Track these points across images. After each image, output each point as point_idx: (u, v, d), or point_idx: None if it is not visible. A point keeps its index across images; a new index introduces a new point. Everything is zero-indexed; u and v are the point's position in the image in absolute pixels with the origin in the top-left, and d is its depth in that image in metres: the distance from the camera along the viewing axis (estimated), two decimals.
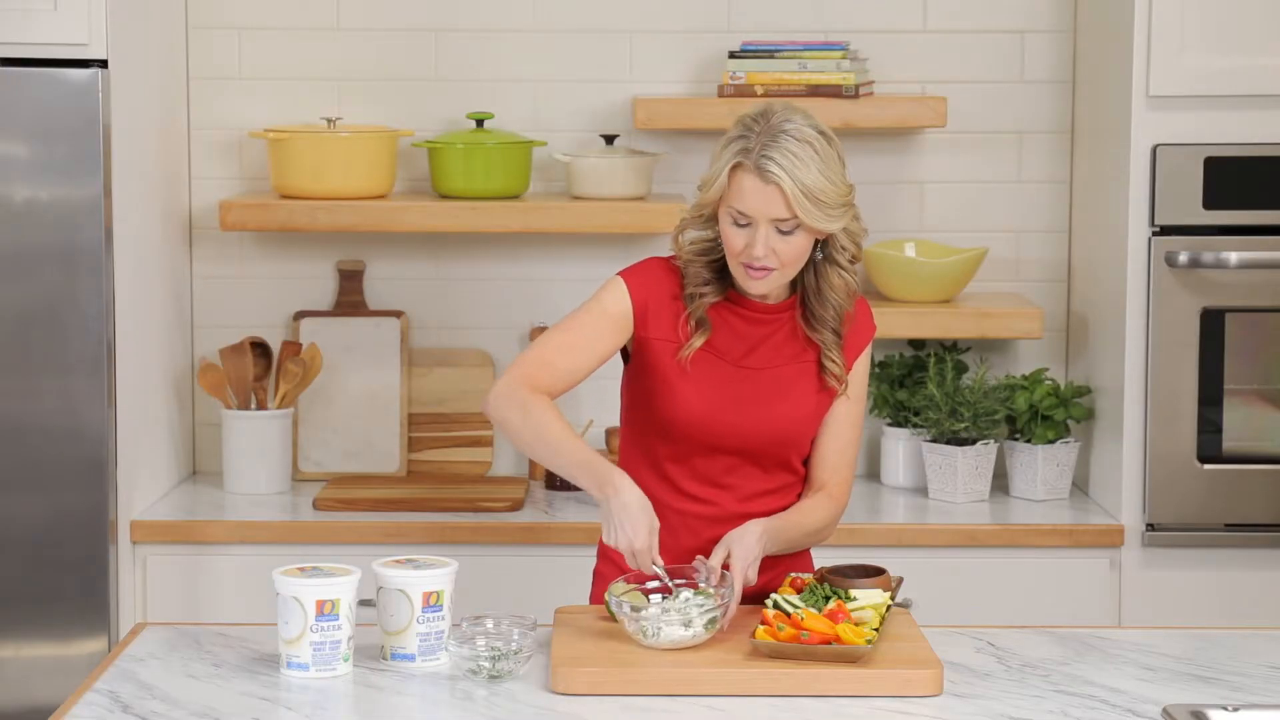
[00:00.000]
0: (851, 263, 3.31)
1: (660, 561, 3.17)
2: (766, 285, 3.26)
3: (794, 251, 3.22)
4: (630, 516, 3.14)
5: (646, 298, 3.31)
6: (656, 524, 3.16)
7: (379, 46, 4.72)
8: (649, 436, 3.36)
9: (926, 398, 4.49)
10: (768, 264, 3.21)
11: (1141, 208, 4.26)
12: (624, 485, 3.16)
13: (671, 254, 3.37)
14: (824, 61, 4.50)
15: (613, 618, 3.19)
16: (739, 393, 3.32)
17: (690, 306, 3.30)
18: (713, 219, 3.28)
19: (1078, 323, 4.68)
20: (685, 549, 3.34)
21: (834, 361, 3.35)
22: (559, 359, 3.30)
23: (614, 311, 3.31)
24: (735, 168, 3.19)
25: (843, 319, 3.35)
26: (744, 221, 3.20)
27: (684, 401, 3.31)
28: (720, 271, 3.31)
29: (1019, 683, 3.06)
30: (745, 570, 3.20)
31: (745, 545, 3.22)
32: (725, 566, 3.20)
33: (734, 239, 3.22)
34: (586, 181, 4.55)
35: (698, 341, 3.29)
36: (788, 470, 3.39)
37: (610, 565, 3.42)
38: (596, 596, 3.45)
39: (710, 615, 3.09)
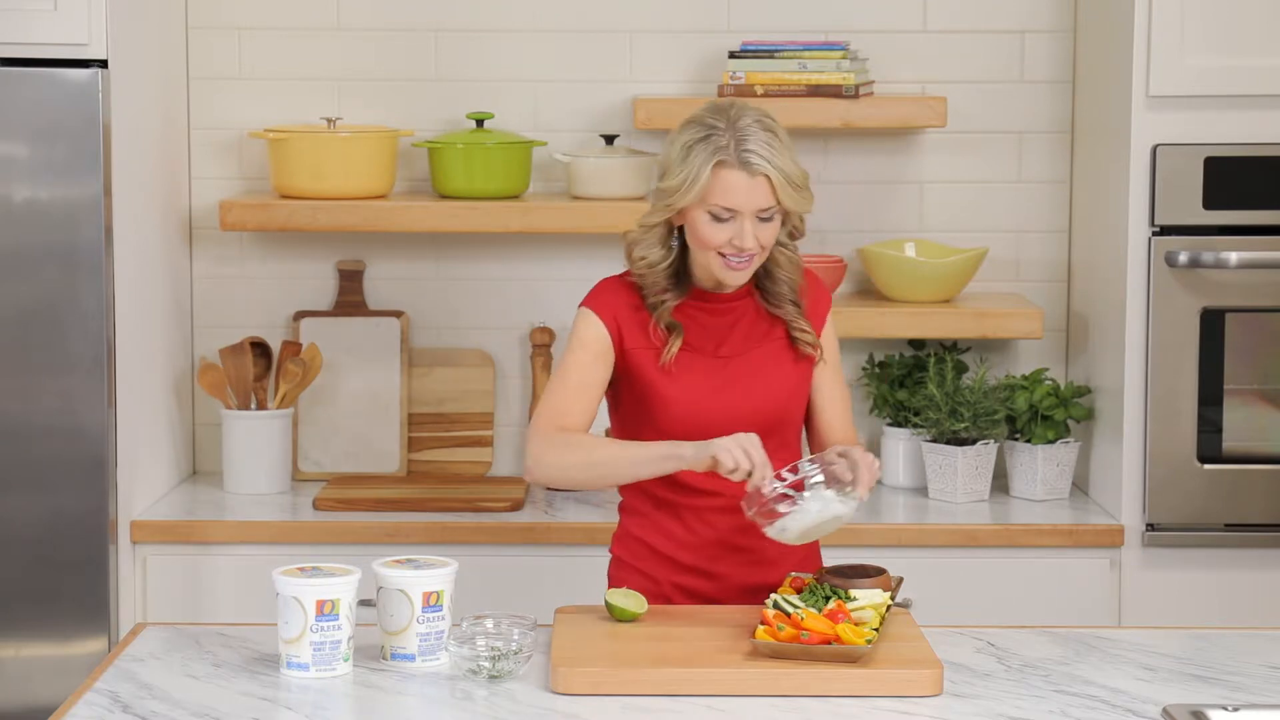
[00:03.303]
0: (791, 238, 3.40)
1: (765, 488, 3.21)
2: (746, 274, 3.34)
3: (772, 237, 3.32)
4: (732, 445, 3.17)
5: (616, 317, 3.38)
6: (755, 437, 3.20)
7: (379, 46, 4.72)
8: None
9: (926, 398, 4.49)
10: (753, 252, 3.29)
11: (1141, 208, 4.26)
12: (702, 443, 3.20)
13: (624, 269, 3.44)
14: (824, 61, 4.50)
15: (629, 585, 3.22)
16: (723, 381, 3.38)
17: (655, 314, 3.37)
18: (666, 230, 3.34)
19: (1078, 323, 4.68)
20: (705, 540, 3.41)
21: (804, 330, 3.43)
22: (572, 403, 3.35)
23: (595, 343, 3.38)
24: (718, 165, 3.24)
25: (798, 291, 3.43)
26: (726, 217, 3.27)
27: (674, 400, 3.36)
28: (675, 277, 3.38)
29: (1019, 683, 3.06)
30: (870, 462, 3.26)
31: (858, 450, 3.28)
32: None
33: (715, 235, 3.29)
34: (586, 181, 4.55)
35: (676, 344, 3.36)
36: (786, 449, 3.43)
37: (615, 564, 3.45)
38: (610, 584, 3.49)
39: (850, 492, 3.19)
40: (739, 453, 3.17)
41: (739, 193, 3.25)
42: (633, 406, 3.39)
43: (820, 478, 3.21)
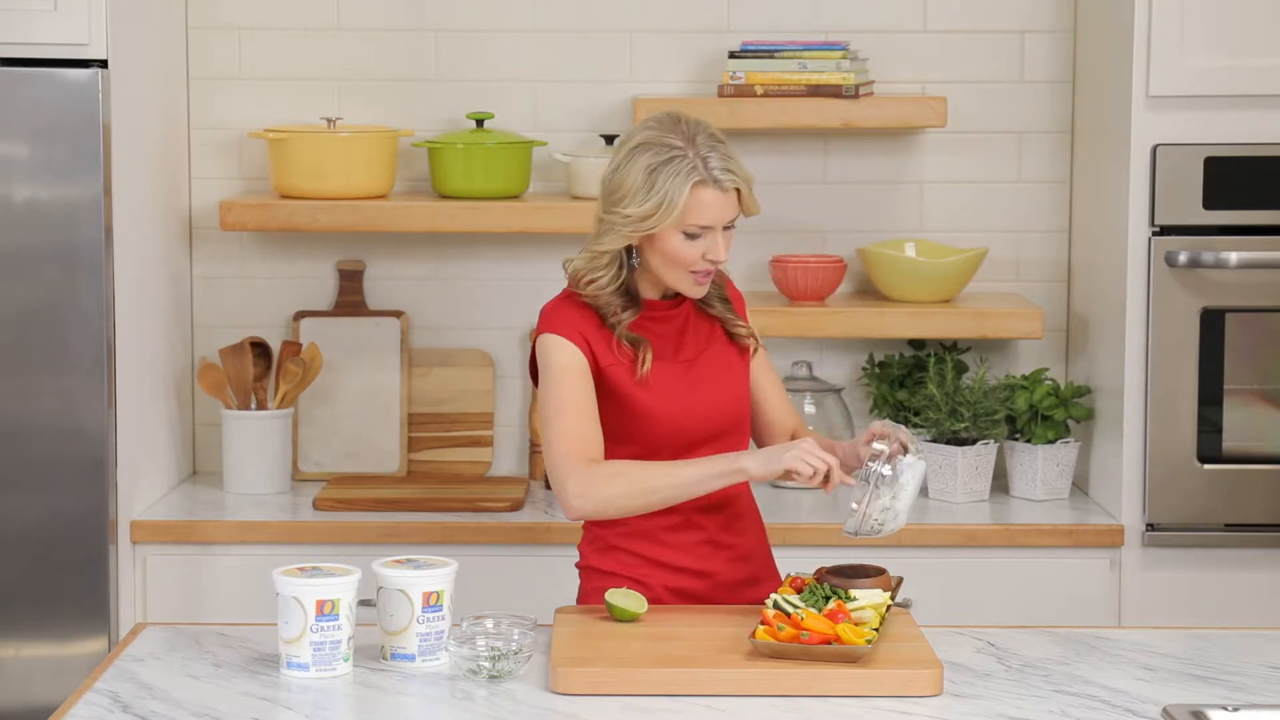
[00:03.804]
0: None
1: (848, 479, 3.27)
2: (709, 284, 3.39)
3: (731, 243, 3.37)
4: (804, 453, 3.22)
5: (585, 337, 3.38)
6: (811, 441, 3.28)
7: (379, 46, 4.72)
8: (625, 457, 3.39)
9: (926, 398, 4.49)
10: (724, 261, 3.36)
11: (1141, 208, 4.26)
12: (767, 456, 3.25)
13: (567, 290, 3.45)
14: (824, 61, 4.50)
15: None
16: (691, 384, 3.41)
17: (616, 332, 3.38)
18: (614, 257, 3.35)
19: (1078, 323, 4.68)
20: (694, 541, 3.43)
21: (740, 324, 3.50)
22: (587, 430, 3.34)
23: (577, 365, 3.37)
24: (696, 185, 3.28)
25: (722, 287, 3.50)
26: (698, 234, 3.30)
27: (657, 410, 3.38)
28: (627, 294, 3.40)
29: (1019, 683, 3.06)
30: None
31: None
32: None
33: (689, 252, 3.32)
34: (586, 181, 4.55)
35: (648, 356, 3.38)
36: (745, 440, 3.50)
37: (595, 576, 3.45)
38: (584, 597, 3.49)
39: (917, 451, 3.27)
40: (813, 459, 3.22)
41: (715, 209, 3.30)
42: (609, 420, 3.39)
43: (884, 462, 3.26)
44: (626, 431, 3.38)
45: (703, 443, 3.40)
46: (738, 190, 3.31)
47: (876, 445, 3.25)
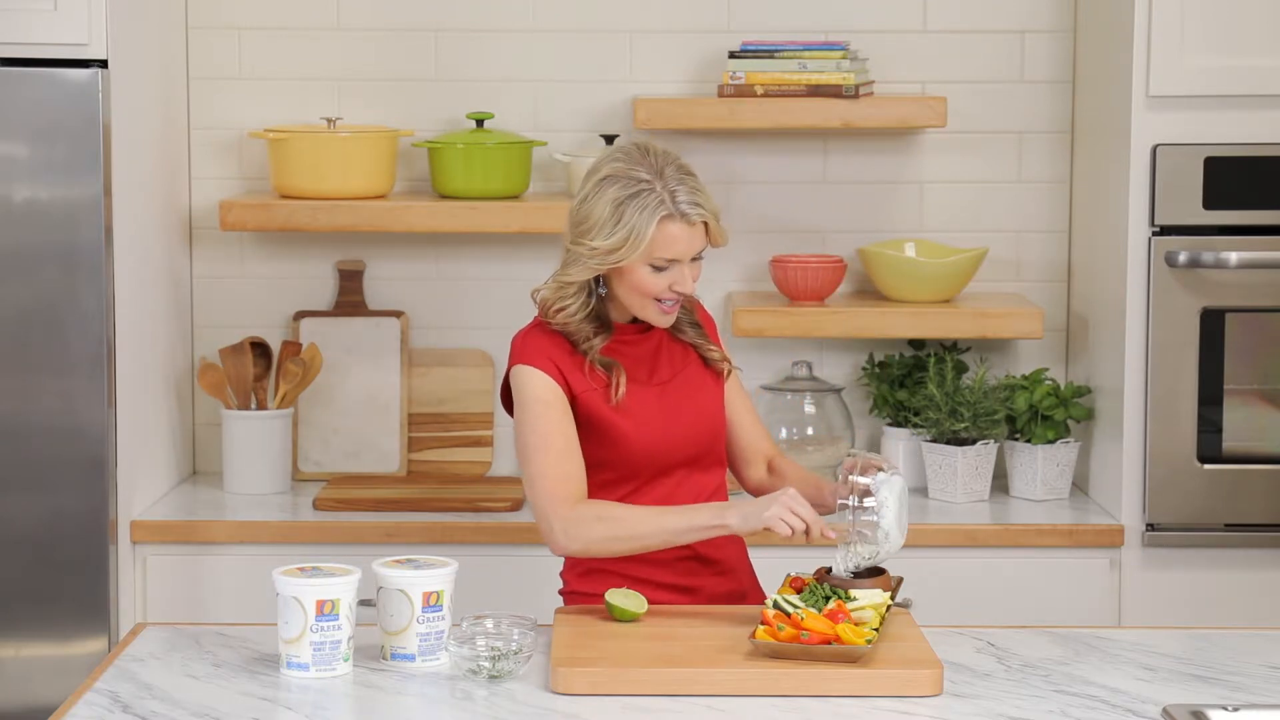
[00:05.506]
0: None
1: (829, 533, 3.25)
2: (676, 313, 3.39)
3: (699, 273, 3.37)
4: (782, 511, 3.20)
5: (558, 366, 3.38)
6: (793, 490, 3.26)
7: (379, 46, 4.72)
8: (600, 487, 3.39)
9: (926, 398, 4.49)
10: (690, 293, 3.36)
11: (1141, 208, 4.26)
12: (749, 512, 3.23)
13: (537, 319, 3.44)
14: (824, 61, 4.50)
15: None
16: (667, 407, 3.41)
17: (589, 357, 3.38)
18: (582, 286, 3.35)
19: (1078, 323, 4.68)
20: (679, 556, 3.42)
21: (713, 349, 3.50)
22: (571, 467, 3.34)
23: (553, 397, 3.36)
24: (662, 220, 3.28)
25: (692, 313, 3.50)
26: (665, 266, 3.31)
27: (633, 435, 3.37)
28: (597, 320, 3.39)
29: (1019, 683, 3.06)
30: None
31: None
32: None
33: (654, 283, 3.32)
34: None
35: (622, 380, 3.38)
36: (720, 464, 3.50)
37: (581, 601, 3.44)
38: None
39: (891, 468, 3.27)
40: (792, 518, 3.21)
41: (681, 243, 3.30)
42: (585, 446, 3.38)
43: (857, 495, 3.24)
44: (602, 456, 3.38)
45: (678, 466, 3.40)
46: (705, 223, 3.31)
47: (847, 478, 3.26)
